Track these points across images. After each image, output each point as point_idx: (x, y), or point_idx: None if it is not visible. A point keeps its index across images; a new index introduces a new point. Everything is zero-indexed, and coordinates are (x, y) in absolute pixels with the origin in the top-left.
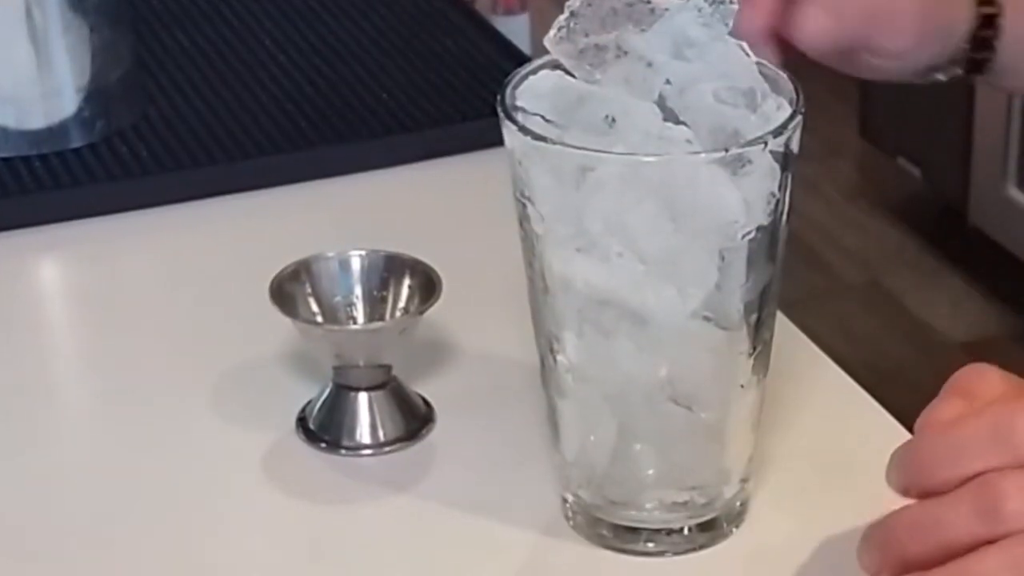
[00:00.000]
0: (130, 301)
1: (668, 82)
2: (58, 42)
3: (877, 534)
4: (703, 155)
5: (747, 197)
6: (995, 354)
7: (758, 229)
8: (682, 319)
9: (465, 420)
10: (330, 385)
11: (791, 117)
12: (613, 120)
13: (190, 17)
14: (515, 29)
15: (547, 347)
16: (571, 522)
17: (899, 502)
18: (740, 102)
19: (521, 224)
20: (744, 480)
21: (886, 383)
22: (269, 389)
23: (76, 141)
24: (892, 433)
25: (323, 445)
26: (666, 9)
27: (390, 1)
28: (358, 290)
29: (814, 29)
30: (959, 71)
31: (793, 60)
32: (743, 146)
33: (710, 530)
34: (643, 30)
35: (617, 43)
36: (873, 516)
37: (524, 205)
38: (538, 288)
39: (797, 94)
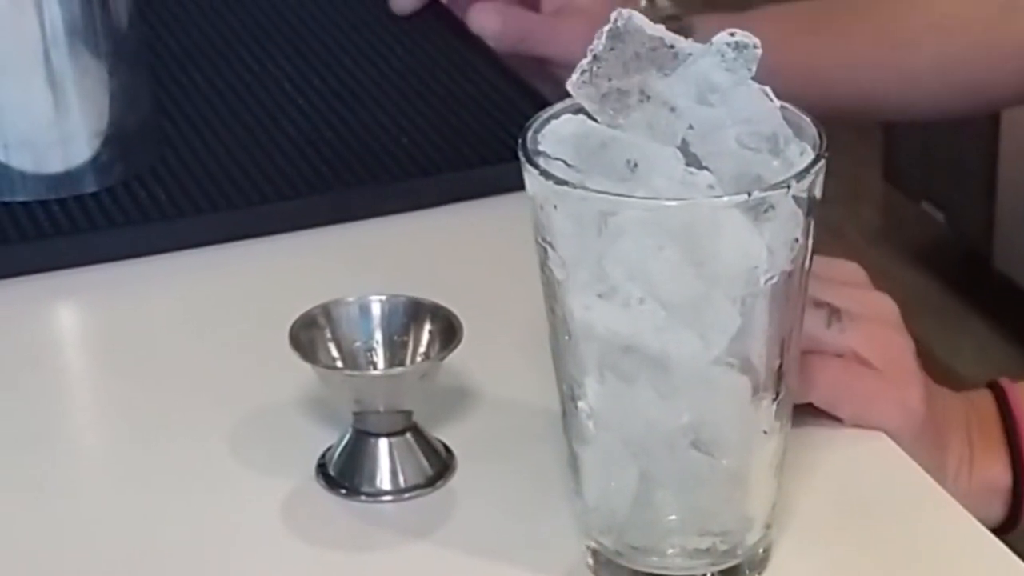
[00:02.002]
0: (149, 346)
1: (691, 127)
2: (75, 86)
3: None
4: (725, 199)
5: (770, 243)
6: None
7: (781, 274)
8: (704, 365)
9: (486, 466)
10: (350, 431)
11: (814, 162)
12: (635, 165)
13: (208, 60)
14: None
15: (568, 393)
16: (593, 569)
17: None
18: (763, 147)
19: (542, 269)
20: (767, 526)
21: None
22: (289, 435)
23: (94, 185)
24: (917, 479)
25: (343, 491)
26: (689, 54)
27: (410, 44)
28: (378, 335)
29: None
30: None
31: None
32: (766, 191)
33: None
34: (666, 75)
35: (640, 88)
36: (896, 561)
37: (545, 250)
38: (559, 334)
39: (820, 139)
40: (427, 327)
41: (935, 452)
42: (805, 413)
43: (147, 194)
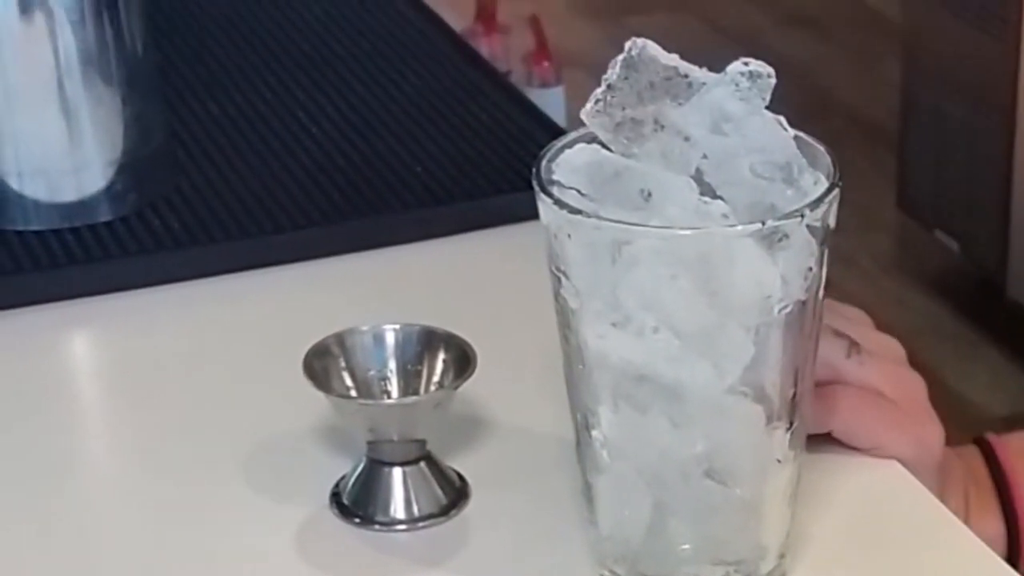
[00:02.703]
0: (163, 375)
1: (705, 156)
2: (89, 115)
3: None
4: (739, 228)
5: (784, 272)
6: None
7: (795, 303)
8: (718, 394)
9: (500, 495)
10: (364, 460)
11: (828, 191)
12: (649, 194)
13: (222, 88)
14: (550, 101)
15: (582, 422)
16: None
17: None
18: (777, 176)
19: (556, 298)
20: (781, 555)
21: None
22: (303, 464)
23: (108, 214)
24: (930, 507)
25: (357, 520)
26: (703, 83)
27: (424, 73)
28: (392, 364)
29: None
30: None
31: None
32: (779, 220)
33: None
34: (680, 104)
35: (654, 117)
36: None
37: (559, 279)
38: (573, 363)
39: (834, 168)
40: (441, 356)
41: None
42: (819, 441)
43: (161, 223)
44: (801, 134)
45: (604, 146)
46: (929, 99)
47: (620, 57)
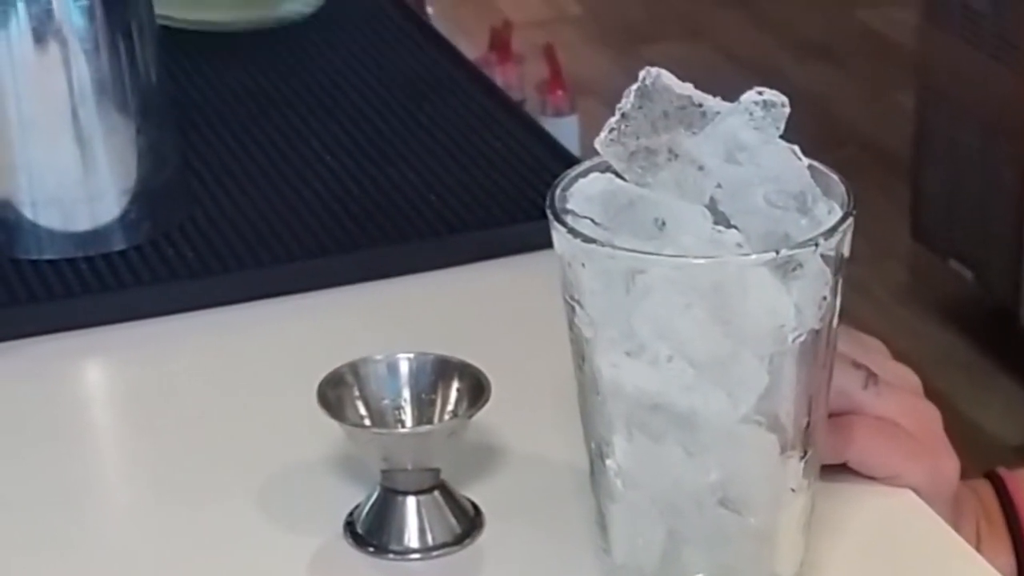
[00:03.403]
0: (177, 404)
1: (719, 186)
2: (103, 144)
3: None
4: (753, 257)
5: (798, 301)
6: None
7: (809, 332)
8: (732, 423)
9: (514, 524)
10: (378, 488)
11: (842, 220)
12: (663, 224)
13: (236, 118)
14: (564, 130)
15: (596, 451)
16: None
17: None
18: (791, 205)
19: (570, 327)
20: None
21: None
22: (317, 492)
23: (122, 243)
24: (944, 537)
25: (371, 550)
26: (717, 112)
27: (438, 102)
28: (406, 393)
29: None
30: None
31: None
32: (793, 249)
33: None
34: (694, 133)
35: (668, 146)
36: None
37: (573, 308)
38: (587, 392)
39: (848, 197)
40: (455, 385)
41: None
42: (834, 470)
43: (175, 252)
44: (815, 163)
45: (618, 175)
46: (943, 128)
47: (634, 86)
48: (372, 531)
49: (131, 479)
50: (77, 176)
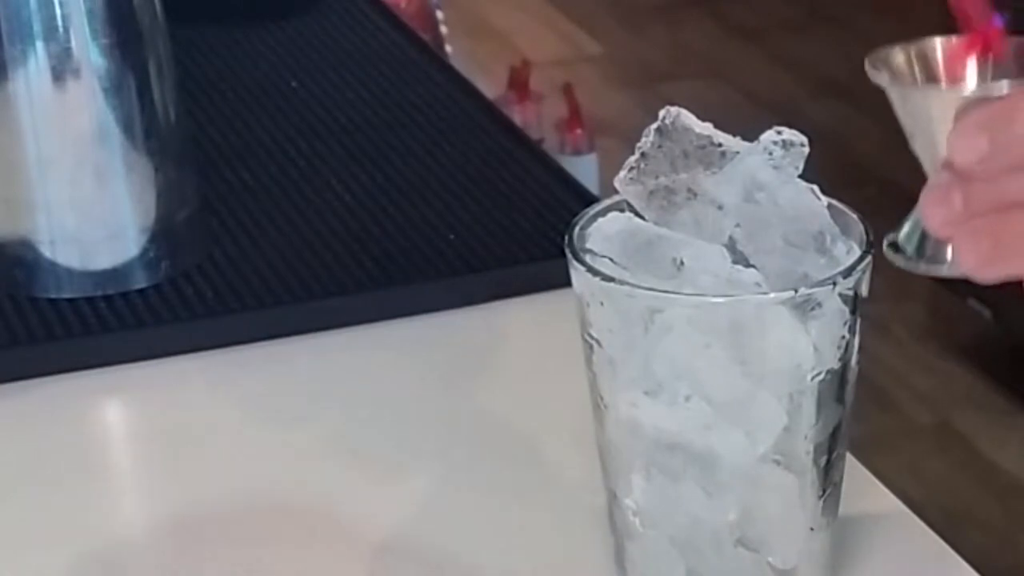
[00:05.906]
0: (196, 443)
1: (738, 225)
2: (123, 182)
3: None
4: (772, 296)
5: (816, 340)
6: None
7: (828, 372)
8: (751, 462)
9: (532, 561)
10: None
11: (860, 259)
12: (682, 263)
13: (255, 156)
14: (583, 169)
15: (614, 490)
16: None
17: None
18: (810, 245)
19: (588, 366)
20: None
21: (957, 525)
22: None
23: (141, 281)
24: (964, 573)
25: None
26: (737, 152)
27: (457, 140)
28: None
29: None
30: None
31: None
32: (812, 288)
33: None
34: (714, 172)
35: (688, 185)
36: None
37: (591, 347)
38: (606, 430)
39: (867, 236)
40: None
41: None
42: (851, 506)
43: (194, 291)
44: (834, 202)
45: (637, 214)
46: None
47: (654, 125)
48: None
49: (151, 519)
50: (96, 215)
